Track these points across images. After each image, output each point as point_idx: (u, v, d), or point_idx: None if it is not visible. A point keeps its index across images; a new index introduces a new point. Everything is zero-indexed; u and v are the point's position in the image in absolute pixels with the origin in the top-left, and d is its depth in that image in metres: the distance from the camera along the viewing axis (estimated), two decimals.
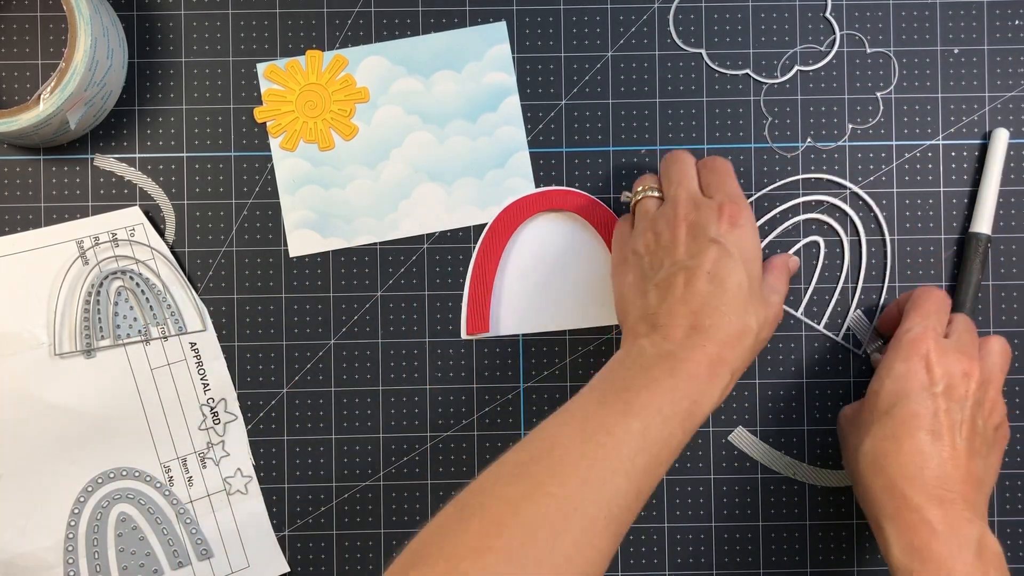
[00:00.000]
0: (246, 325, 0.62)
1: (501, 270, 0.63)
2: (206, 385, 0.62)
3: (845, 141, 0.63)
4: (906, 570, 0.50)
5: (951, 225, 0.63)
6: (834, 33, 0.63)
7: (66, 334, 0.60)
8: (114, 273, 0.61)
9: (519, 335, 0.63)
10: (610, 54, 0.63)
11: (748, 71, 0.63)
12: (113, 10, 0.61)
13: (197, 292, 0.62)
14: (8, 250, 0.60)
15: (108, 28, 0.59)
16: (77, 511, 0.60)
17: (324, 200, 0.62)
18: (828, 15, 0.63)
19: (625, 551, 0.62)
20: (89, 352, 0.60)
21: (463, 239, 0.63)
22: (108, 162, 0.62)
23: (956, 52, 0.63)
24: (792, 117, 0.63)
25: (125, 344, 0.61)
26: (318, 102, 0.62)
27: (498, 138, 0.63)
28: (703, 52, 0.63)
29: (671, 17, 0.63)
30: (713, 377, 0.49)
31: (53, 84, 0.56)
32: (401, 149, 0.63)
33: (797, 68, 0.63)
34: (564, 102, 0.63)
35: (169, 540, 0.61)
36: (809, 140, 0.63)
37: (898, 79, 0.63)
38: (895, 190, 0.63)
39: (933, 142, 0.63)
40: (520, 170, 0.63)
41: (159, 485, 0.61)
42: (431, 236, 0.63)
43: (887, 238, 0.63)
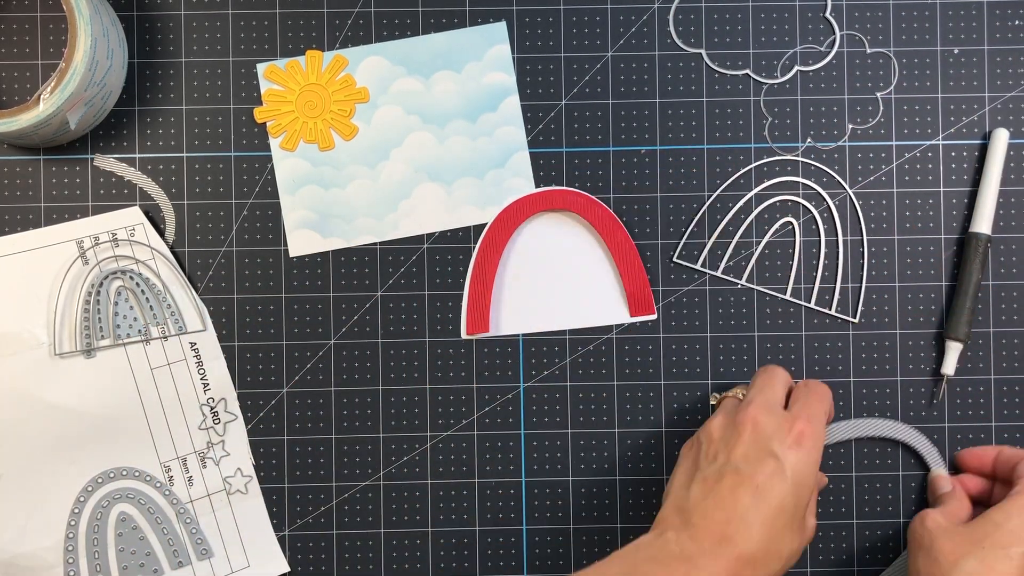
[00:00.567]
0: (246, 325, 0.62)
1: (501, 270, 0.63)
2: (206, 385, 0.62)
3: (845, 141, 0.63)
4: None
5: (951, 225, 0.63)
6: (834, 33, 0.63)
7: (66, 334, 0.60)
8: (114, 273, 0.61)
9: (519, 335, 0.63)
10: (610, 54, 0.63)
11: (748, 71, 0.63)
12: (113, 10, 0.62)
13: (197, 292, 0.62)
14: (8, 250, 0.60)
15: (108, 28, 0.59)
16: (77, 511, 0.60)
17: (324, 200, 0.62)
18: (828, 15, 0.63)
19: None
20: (89, 352, 0.60)
21: (463, 239, 0.63)
22: (108, 162, 0.62)
23: (956, 52, 0.63)
24: (792, 117, 0.63)
25: (125, 344, 0.61)
26: (318, 102, 0.62)
27: (498, 138, 0.63)
28: (703, 52, 0.63)
29: (671, 17, 0.63)
30: None
31: (53, 84, 0.56)
32: (401, 149, 0.63)
33: (797, 68, 0.63)
34: (564, 102, 0.63)
35: (169, 540, 0.61)
36: (809, 140, 0.63)
37: (898, 79, 0.63)
38: (895, 190, 0.63)
39: (933, 142, 0.63)
40: (520, 170, 0.63)
41: (159, 485, 0.61)
42: (431, 236, 0.63)
43: (865, 238, 0.63)
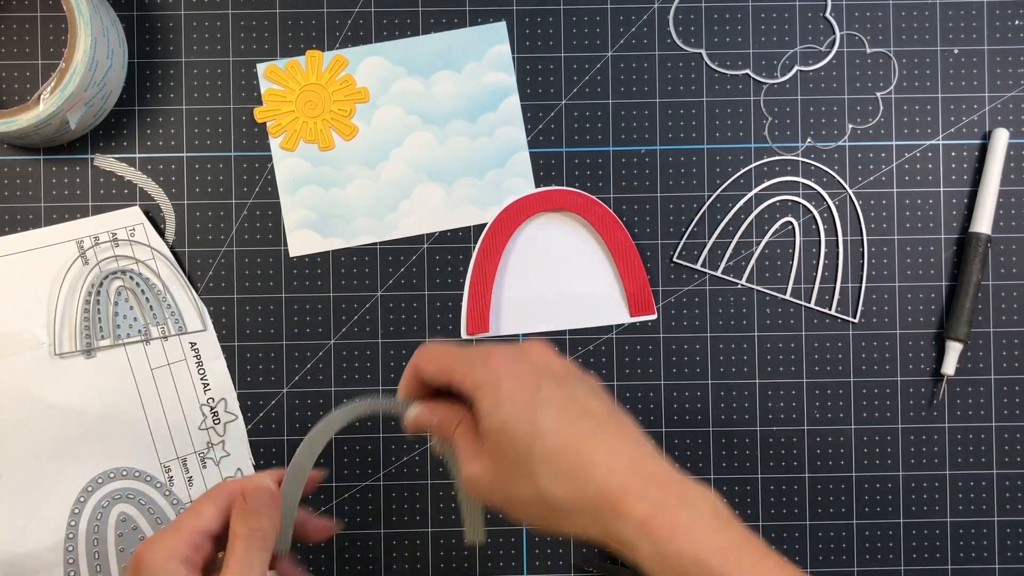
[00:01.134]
0: (246, 325, 0.62)
1: (501, 270, 0.63)
2: (206, 385, 0.62)
3: (845, 141, 0.63)
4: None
5: (951, 225, 0.63)
6: (834, 33, 0.63)
7: (66, 334, 0.60)
8: (114, 273, 0.61)
9: (519, 335, 0.63)
10: (610, 54, 0.63)
11: (748, 71, 0.63)
12: (113, 10, 0.61)
13: (197, 292, 0.62)
14: (8, 250, 0.60)
15: (108, 28, 0.59)
16: (77, 511, 0.60)
17: (324, 200, 0.62)
18: (828, 15, 0.63)
19: None
20: (89, 352, 0.60)
21: (463, 239, 0.63)
22: (108, 162, 0.62)
23: (956, 52, 0.63)
24: (792, 117, 0.63)
25: (125, 344, 0.61)
26: (318, 102, 0.62)
27: (498, 138, 0.63)
28: (703, 52, 0.63)
29: (671, 17, 0.63)
30: None
31: (53, 84, 0.56)
32: (401, 149, 0.63)
33: (797, 68, 0.63)
34: (564, 102, 0.63)
35: None
36: (809, 140, 0.63)
37: (898, 79, 0.63)
38: (895, 190, 0.63)
39: (933, 142, 0.63)
40: (520, 170, 0.63)
41: (159, 485, 0.61)
42: (431, 236, 0.63)
43: (864, 238, 0.63)
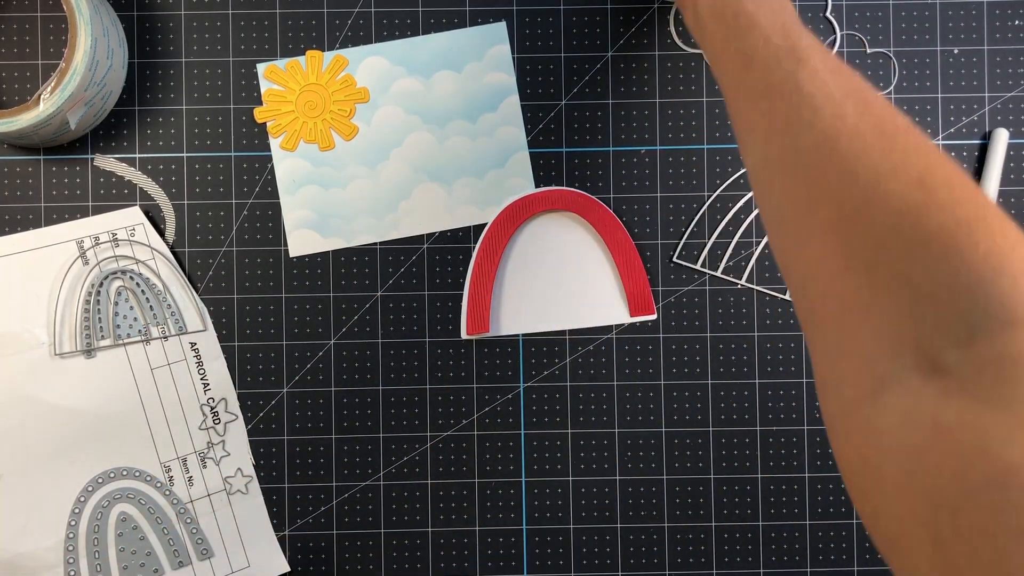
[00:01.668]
0: (246, 325, 0.62)
1: (501, 270, 0.63)
2: (206, 385, 0.62)
3: None
4: None
5: None
6: (834, 33, 0.63)
7: (66, 334, 0.60)
8: (114, 273, 0.61)
9: (519, 335, 0.63)
10: (610, 54, 0.63)
11: None
12: (113, 10, 0.61)
13: (197, 292, 0.62)
14: (8, 250, 0.60)
15: (108, 28, 0.59)
16: (77, 511, 0.60)
17: (324, 200, 0.62)
18: (828, 15, 0.63)
19: (625, 551, 0.62)
20: (89, 352, 0.60)
21: (463, 239, 0.63)
22: (108, 162, 0.62)
23: (956, 52, 0.63)
24: None
25: (125, 344, 0.61)
26: (318, 102, 0.62)
27: (498, 138, 0.63)
28: (703, 52, 0.63)
29: (671, 17, 0.63)
30: None
31: (53, 84, 0.56)
32: (401, 149, 0.63)
33: None
34: (564, 102, 0.63)
35: (170, 540, 0.61)
36: None
37: (898, 79, 0.63)
38: None
39: (933, 142, 0.63)
40: (520, 170, 0.63)
41: (159, 485, 0.61)
42: (431, 236, 0.63)
43: None
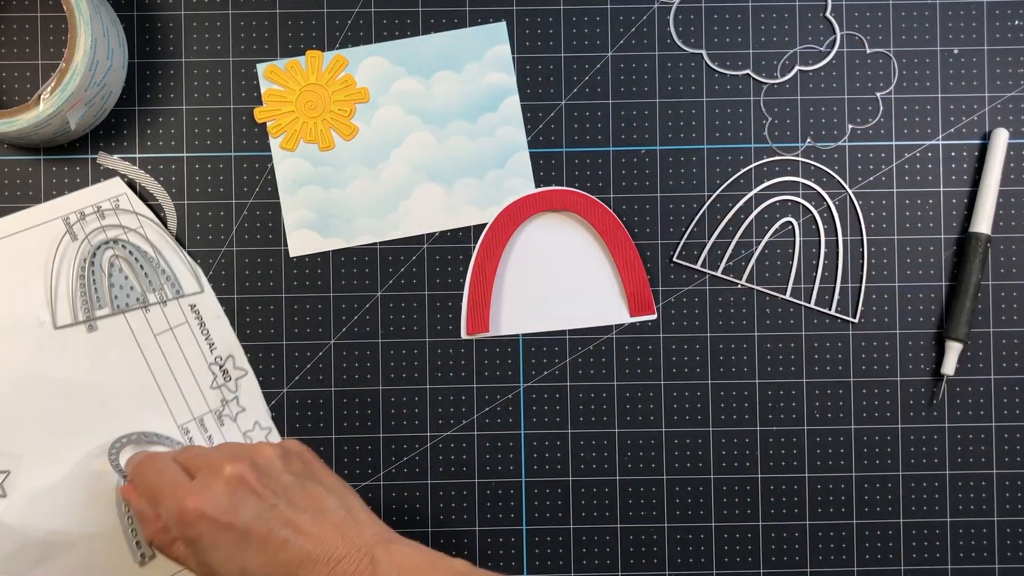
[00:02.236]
0: (246, 325, 0.62)
1: (501, 270, 0.63)
2: (211, 344, 0.61)
3: (845, 141, 0.63)
4: None
5: (951, 225, 0.63)
6: (834, 33, 0.63)
7: (66, 310, 0.60)
8: (105, 243, 0.61)
9: (519, 335, 0.63)
10: (610, 54, 0.63)
11: (748, 71, 0.63)
12: (113, 10, 0.62)
13: (190, 255, 0.62)
14: None
15: (108, 28, 0.59)
16: (104, 480, 0.59)
17: (324, 200, 0.62)
18: (828, 15, 0.63)
19: (625, 551, 0.62)
20: (90, 325, 0.60)
21: (463, 239, 0.63)
22: (111, 160, 0.62)
23: (956, 52, 0.63)
24: (792, 117, 0.63)
25: (125, 312, 0.61)
26: (318, 102, 0.62)
27: (498, 138, 0.63)
28: (703, 52, 0.63)
29: (671, 17, 0.63)
30: None
31: (53, 84, 0.56)
32: (401, 149, 0.63)
33: (797, 68, 0.63)
34: (564, 102, 0.63)
35: None
36: (809, 140, 0.63)
37: (898, 79, 0.63)
38: (895, 190, 0.63)
39: (933, 142, 0.63)
40: (520, 170, 0.63)
41: (180, 447, 0.60)
42: (431, 236, 0.63)
43: (864, 238, 0.63)
